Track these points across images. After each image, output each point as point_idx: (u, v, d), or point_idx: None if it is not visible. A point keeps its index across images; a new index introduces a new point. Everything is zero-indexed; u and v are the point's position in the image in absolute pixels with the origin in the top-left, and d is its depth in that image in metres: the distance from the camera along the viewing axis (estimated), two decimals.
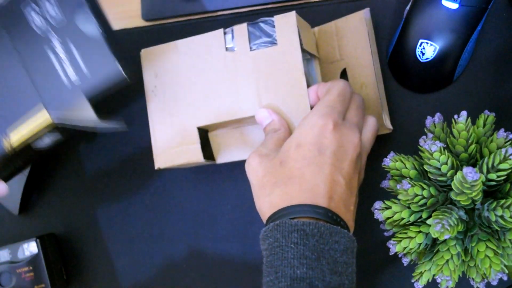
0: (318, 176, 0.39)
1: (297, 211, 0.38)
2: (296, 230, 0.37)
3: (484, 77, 0.51)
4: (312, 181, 0.39)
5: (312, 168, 0.39)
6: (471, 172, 0.37)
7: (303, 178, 0.39)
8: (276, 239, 0.37)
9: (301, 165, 0.40)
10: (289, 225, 0.37)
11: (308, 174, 0.39)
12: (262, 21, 0.47)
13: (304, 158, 0.40)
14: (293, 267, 0.36)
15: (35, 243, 0.56)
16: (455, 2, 0.46)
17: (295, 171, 0.40)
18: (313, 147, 0.40)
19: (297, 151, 0.40)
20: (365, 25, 0.49)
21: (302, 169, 0.39)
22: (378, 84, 0.49)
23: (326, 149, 0.40)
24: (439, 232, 0.38)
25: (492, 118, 0.43)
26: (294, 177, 0.40)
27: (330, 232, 0.37)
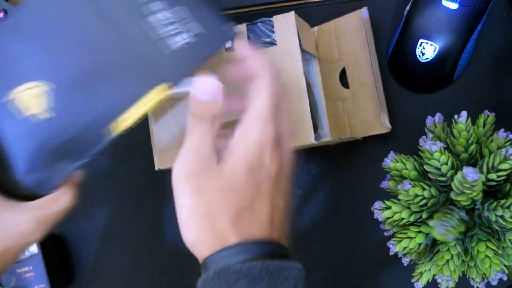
0: (265, 206, 0.35)
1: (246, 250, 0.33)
2: (242, 276, 0.32)
3: (484, 77, 0.51)
4: (260, 212, 0.34)
5: (261, 197, 0.35)
6: (471, 172, 0.37)
7: (253, 209, 0.34)
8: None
9: (252, 193, 0.34)
10: (234, 271, 0.32)
11: (257, 204, 0.34)
12: (261, 21, 0.47)
13: (255, 186, 0.34)
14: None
15: (35, 243, 0.56)
16: (455, 2, 0.46)
17: (247, 200, 0.34)
18: (262, 171, 0.35)
19: (249, 175, 0.34)
20: (363, 24, 0.49)
21: (252, 198, 0.34)
22: (376, 83, 0.49)
23: (270, 172, 0.35)
24: (442, 235, 0.38)
25: (492, 118, 0.43)
26: (245, 208, 0.34)
27: (279, 270, 0.32)
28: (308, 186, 0.54)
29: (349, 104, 0.50)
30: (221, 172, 0.34)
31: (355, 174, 0.53)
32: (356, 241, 0.53)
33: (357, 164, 0.53)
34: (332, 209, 0.54)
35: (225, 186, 0.34)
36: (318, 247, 0.54)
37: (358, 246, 0.53)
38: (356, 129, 0.50)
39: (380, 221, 0.44)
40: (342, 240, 0.53)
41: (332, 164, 0.54)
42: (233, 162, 0.35)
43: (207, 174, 0.34)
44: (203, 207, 0.34)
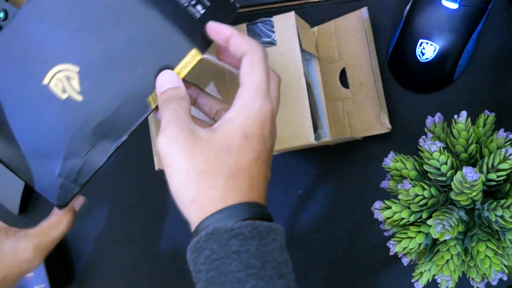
0: (263, 173, 0.36)
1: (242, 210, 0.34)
2: (234, 235, 0.32)
3: (484, 77, 0.51)
4: (257, 178, 0.35)
5: (258, 164, 0.35)
6: (471, 172, 0.37)
7: (251, 173, 0.35)
8: (213, 250, 0.32)
9: (251, 157, 0.35)
10: (226, 231, 0.32)
11: (254, 169, 0.35)
12: (261, 21, 0.47)
13: (253, 151, 0.35)
14: (241, 281, 0.31)
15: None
16: (455, 2, 0.46)
17: (244, 163, 0.35)
18: (260, 140, 0.36)
19: (245, 141, 0.35)
20: (363, 24, 0.49)
21: (251, 163, 0.35)
22: (376, 83, 0.49)
23: (267, 144, 0.36)
24: (440, 233, 0.38)
25: (492, 118, 0.43)
26: (243, 169, 0.35)
27: (267, 230, 0.33)
28: (308, 186, 0.54)
29: (349, 104, 0.50)
30: (212, 136, 0.35)
31: (355, 174, 0.53)
32: (356, 241, 0.53)
33: (357, 164, 0.53)
34: (332, 209, 0.54)
35: (219, 147, 0.35)
36: (318, 247, 0.54)
37: (358, 246, 0.53)
38: (356, 129, 0.50)
39: (380, 221, 0.44)
40: (342, 240, 0.53)
41: (332, 164, 0.54)
42: (228, 128, 0.35)
43: (194, 137, 0.35)
44: (199, 165, 0.34)
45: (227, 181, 0.34)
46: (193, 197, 0.34)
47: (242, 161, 0.35)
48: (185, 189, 0.35)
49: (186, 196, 0.35)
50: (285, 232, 0.35)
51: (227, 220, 0.33)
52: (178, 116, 0.36)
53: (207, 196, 0.34)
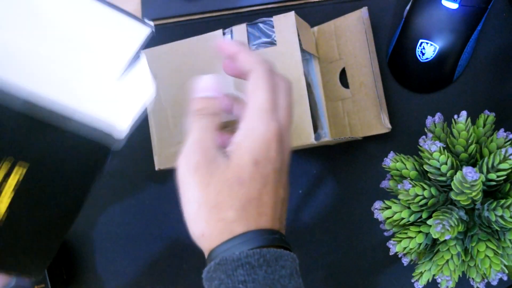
0: (271, 197, 0.35)
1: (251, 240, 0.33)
2: (240, 265, 0.32)
3: (484, 77, 0.51)
4: (266, 204, 0.35)
5: (268, 188, 0.35)
6: (471, 172, 0.37)
7: (261, 201, 0.35)
8: (221, 280, 0.32)
9: (261, 185, 0.35)
10: (232, 261, 0.32)
11: (264, 196, 0.35)
12: (261, 21, 0.47)
13: (262, 177, 0.35)
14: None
15: None
16: (455, 2, 0.46)
17: (254, 192, 0.35)
18: (268, 164, 0.35)
19: (256, 168, 0.35)
20: (363, 24, 0.49)
21: (260, 191, 0.35)
22: (376, 83, 0.49)
23: (275, 165, 0.35)
24: (440, 233, 0.38)
25: (492, 118, 0.43)
26: (253, 199, 0.35)
27: (276, 258, 0.33)
28: (308, 186, 0.54)
29: (349, 104, 0.50)
30: (228, 165, 0.35)
31: (355, 174, 0.53)
32: (356, 241, 0.53)
33: (357, 164, 0.53)
34: (332, 209, 0.54)
35: (232, 178, 0.34)
36: (318, 247, 0.54)
37: (358, 246, 0.53)
38: (356, 129, 0.50)
39: (380, 221, 0.44)
40: (342, 240, 0.53)
41: (332, 164, 0.54)
42: (240, 155, 0.35)
43: (213, 166, 0.35)
44: (211, 198, 0.34)
45: (237, 212, 0.34)
46: (202, 232, 0.35)
47: (253, 191, 0.35)
48: (196, 222, 0.35)
49: (196, 230, 0.35)
50: (296, 258, 0.35)
51: (234, 250, 0.33)
52: (206, 138, 0.35)
53: (215, 230, 0.34)
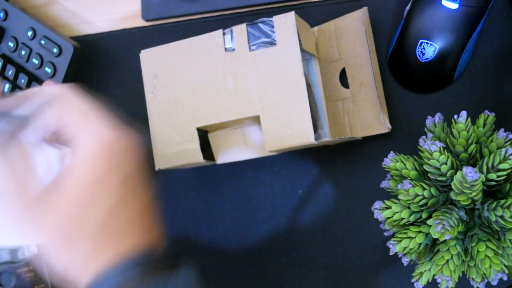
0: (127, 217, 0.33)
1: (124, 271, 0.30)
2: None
3: (484, 77, 0.51)
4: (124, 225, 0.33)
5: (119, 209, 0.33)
6: (471, 172, 0.37)
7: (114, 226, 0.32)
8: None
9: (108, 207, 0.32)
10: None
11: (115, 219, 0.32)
12: (261, 21, 0.47)
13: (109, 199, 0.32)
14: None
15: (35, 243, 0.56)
16: (455, 2, 0.46)
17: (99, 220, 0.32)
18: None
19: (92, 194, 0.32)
20: (363, 24, 0.49)
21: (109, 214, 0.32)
22: (376, 83, 0.49)
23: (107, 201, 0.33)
24: (440, 233, 0.38)
25: (492, 118, 0.43)
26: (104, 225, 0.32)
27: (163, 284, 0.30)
28: (308, 186, 0.54)
29: (349, 104, 0.50)
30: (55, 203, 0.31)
31: (355, 174, 0.53)
32: (356, 241, 0.53)
33: (357, 164, 0.53)
34: (332, 209, 0.54)
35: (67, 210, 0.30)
36: (318, 247, 0.54)
37: (358, 246, 0.53)
38: (356, 129, 0.50)
39: (380, 221, 0.44)
40: (342, 240, 0.53)
41: (332, 164, 0.54)
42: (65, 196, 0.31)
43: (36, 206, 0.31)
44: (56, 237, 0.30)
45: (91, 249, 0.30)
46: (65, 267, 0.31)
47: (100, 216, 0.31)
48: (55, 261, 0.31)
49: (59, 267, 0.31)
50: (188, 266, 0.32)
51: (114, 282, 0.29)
52: None
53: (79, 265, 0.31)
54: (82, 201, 0.30)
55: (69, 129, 0.32)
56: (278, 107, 0.46)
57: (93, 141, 0.31)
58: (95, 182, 0.30)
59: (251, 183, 0.55)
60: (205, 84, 0.49)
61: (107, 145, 0.31)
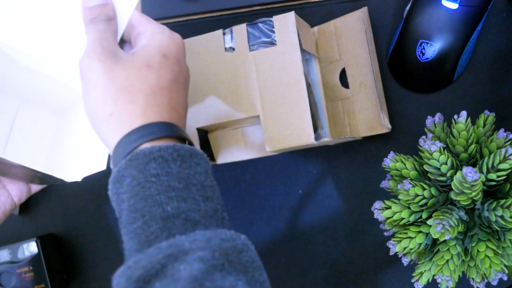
0: (181, 95, 0.35)
1: (163, 129, 0.32)
2: (153, 159, 0.31)
3: (484, 77, 0.51)
4: (176, 99, 0.35)
5: (177, 86, 0.35)
6: (471, 172, 0.37)
7: (171, 93, 0.34)
8: (133, 177, 0.31)
9: (171, 77, 0.34)
10: (143, 155, 0.31)
11: (174, 90, 0.34)
12: (261, 21, 0.47)
13: (172, 71, 0.35)
14: (161, 204, 0.30)
15: (35, 243, 0.56)
16: (455, 2, 0.46)
17: (165, 81, 0.34)
18: (176, 62, 0.35)
19: (164, 60, 0.34)
20: (363, 24, 0.49)
21: (171, 83, 0.34)
22: (376, 83, 0.49)
23: (183, 67, 0.36)
24: (440, 233, 0.38)
25: (492, 118, 0.43)
26: (164, 88, 0.34)
27: (190, 154, 0.32)
28: (308, 186, 0.54)
29: (349, 104, 0.50)
30: (134, 54, 0.34)
31: (355, 174, 0.53)
32: (356, 241, 0.53)
33: (357, 164, 0.53)
34: (332, 209, 0.54)
35: (140, 63, 0.34)
36: (318, 247, 0.54)
37: (358, 246, 0.53)
38: (356, 129, 0.50)
39: (380, 221, 0.44)
40: (342, 240, 0.53)
41: (332, 164, 0.54)
42: (147, 50, 0.34)
43: (116, 58, 0.34)
44: (118, 80, 0.33)
45: (147, 97, 0.33)
46: (110, 111, 0.33)
47: (163, 79, 0.34)
48: (102, 104, 0.33)
49: (103, 111, 0.33)
50: (209, 160, 0.34)
51: (146, 138, 0.32)
52: (104, 38, 0.35)
53: (125, 111, 0.32)
54: (152, 62, 0.34)
55: (142, 25, 0.36)
56: (278, 107, 0.46)
57: (162, 32, 0.36)
58: (166, 55, 0.34)
59: (251, 183, 0.55)
60: (205, 84, 0.49)
61: (183, 44, 0.36)
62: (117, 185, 0.32)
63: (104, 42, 0.34)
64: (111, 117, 0.33)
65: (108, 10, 0.36)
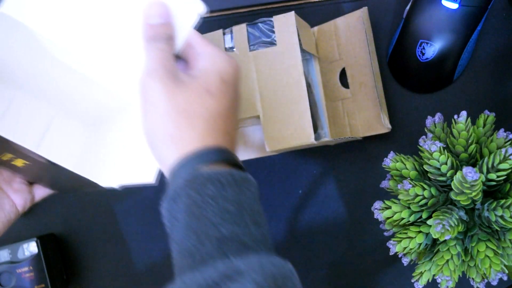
0: (235, 122, 0.36)
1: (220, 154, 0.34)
2: (210, 181, 0.32)
3: (484, 77, 0.51)
4: (231, 124, 0.36)
5: (233, 110, 0.36)
6: (471, 172, 0.37)
7: (228, 119, 0.35)
8: (190, 196, 0.32)
9: (228, 103, 0.35)
10: (202, 177, 0.32)
11: (231, 115, 0.36)
12: (261, 21, 0.47)
13: (230, 97, 0.36)
14: (216, 226, 0.31)
15: (35, 243, 0.56)
16: (455, 2, 0.46)
17: (222, 108, 0.35)
18: (234, 88, 0.36)
19: (223, 86, 0.35)
20: (363, 24, 0.49)
21: (227, 109, 0.35)
22: (376, 83, 0.49)
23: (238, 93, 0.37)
24: (440, 233, 0.38)
25: (492, 118, 0.43)
26: (221, 114, 0.35)
27: (242, 179, 0.33)
28: (308, 186, 0.54)
29: (349, 104, 0.50)
30: (194, 80, 0.35)
31: (355, 174, 0.53)
32: (356, 241, 0.53)
33: (357, 164, 0.53)
34: (332, 209, 0.54)
35: (200, 88, 0.34)
36: (318, 247, 0.54)
37: (358, 246, 0.53)
38: (356, 129, 0.50)
39: (380, 221, 0.44)
40: (342, 240, 0.53)
41: (332, 164, 0.54)
42: (207, 74, 0.35)
43: (177, 80, 0.34)
44: (180, 104, 0.34)
45: (206, 122, 0.34)
46: (171, 133, 0.34)
47: (220, 106, 0.35)
48: (163, 125, 0.34)
49: (163, 132, 0.34)
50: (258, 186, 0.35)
51: (204, 162, 0.33)
52: (165, 58, 0.35)
53: (185, 135, 0.33)
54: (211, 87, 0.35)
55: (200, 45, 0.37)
56: (278, 107, 0.46)
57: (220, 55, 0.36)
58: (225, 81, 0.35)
59: None
60: None
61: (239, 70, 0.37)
62: (171, 203, 0.33)
63: (165, 62, 0.35)
64: (171, 139, 0.34)
65: (169, 29, 0.36)
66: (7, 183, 0.46)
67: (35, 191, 0.48)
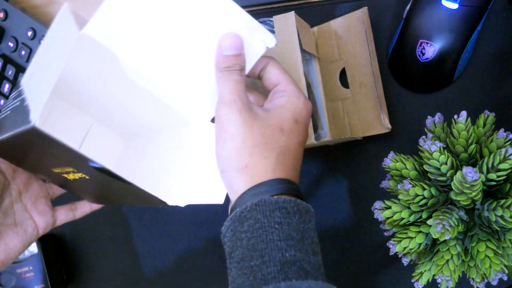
0: (300, 157, 0.39)
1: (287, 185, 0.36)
2: (278, 208, 0.35)
3: (484, 77, 0.51)
4: (299, 161, 0.39)
5: (301, 148, 0.39)
6: (471, 172, 0.37)
7: (296, 155, 0.38)
8: (257, 220, 0.34)
9: (298, 141, 0.38)
10: (270, 203, 0.35)
11: (299, 152, 0.39)
12: (261, 21, 0.47)
13: (299, 135, 0.38)
14: (281, 250, 0.33)
15: (35, 243, 0.56)
16: (455, 2, 0.46)
17: (293, 145, 0.38)
18: (304, 128, 0.39)
19: (296, 125, 0.38)
20: (363, 24, 0.49)
21: (297, 146, 0.38)
22: (376, 83, 0.49)
23: (307, 132, 0.40)
24: (440, 233, 0.38)
25: (492, 118, 0.43)
26: (291, 150, 0.38)
27: (306, 210, 0.36)
28: (308, 186, 0.54)
29: (349, 104, 0.50)
30: (269, 115, 0.37)
31: (355, 174, 0.53)
32: (356, 241, 0.53)
33: (357, 164, 0.53)
34: (332, 209, 0.54)
35: (274, 125, 0.37)
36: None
37: (358, 246, 0.53)
38: (356, 129, 0.50)
39: (380, 221, 0.44)
40: (342, 240, 0.53)
41: (332, 164, 0.54)
42: (281, 112, 0.38)
43: (253, 113, 0.37)
44: (256, 136, 0.36)
45: (278, 156, 0.37)
46: (246, 163, 0.36)
47: (291, 142, 0.37)
48: (239, 155, 0.36)
49: (239, 162, 0.36)
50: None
51: (273, 191, 0.35)
52: (241, 90, 0.37)
53: (259, 165, 0.36)
54: (284, 125, 0.37)
55: (284, 83, 0.39)
56: None
57: (298, 97, 0.39)
58: (297, 121, 0.38)
59: None
60: None
61: (311, 112, 0.39)
62: (236, 224, 0.35)
63: (241, 94, 0.37)
64: (245, 169, 0.36)
65: (242, 61, 0.38)
66: (33, 203, 0.46)
67: (58, 216, 0.47)
